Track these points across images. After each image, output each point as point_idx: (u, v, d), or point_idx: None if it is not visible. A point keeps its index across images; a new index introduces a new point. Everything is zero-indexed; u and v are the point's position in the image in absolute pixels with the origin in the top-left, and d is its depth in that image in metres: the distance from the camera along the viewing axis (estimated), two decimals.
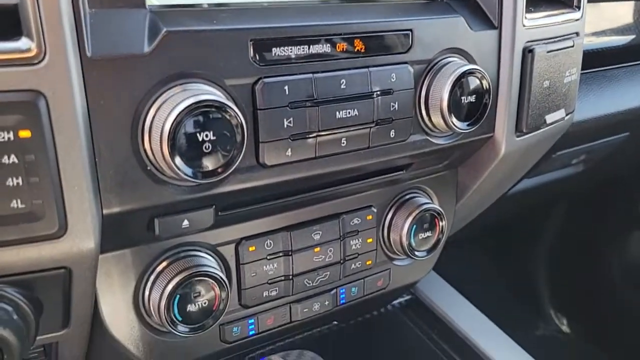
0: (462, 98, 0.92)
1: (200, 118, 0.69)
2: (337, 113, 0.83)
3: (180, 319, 0.84)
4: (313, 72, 0.81)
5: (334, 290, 1.05)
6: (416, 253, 1.09)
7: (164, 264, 0.86)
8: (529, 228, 2.28)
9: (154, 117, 0.70)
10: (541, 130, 1.12)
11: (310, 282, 1.00)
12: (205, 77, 0.74)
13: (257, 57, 0.76)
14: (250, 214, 0.91)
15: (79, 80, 0.65)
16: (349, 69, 0.84)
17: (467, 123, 0.94)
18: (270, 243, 0.95)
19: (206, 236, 0.90)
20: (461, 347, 1.24)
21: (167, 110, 0.69)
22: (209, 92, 0.71)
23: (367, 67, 0.86)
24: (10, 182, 0.62)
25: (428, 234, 1.10)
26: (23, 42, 0.61)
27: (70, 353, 0.91)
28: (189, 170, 0.70)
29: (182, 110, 0.68)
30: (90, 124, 0.67)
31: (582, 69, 1.20)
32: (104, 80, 0.67)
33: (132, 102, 0.69)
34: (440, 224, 1.10)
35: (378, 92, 0.86)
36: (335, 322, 1.27)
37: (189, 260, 0.86)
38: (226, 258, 0.92)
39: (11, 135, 0.61)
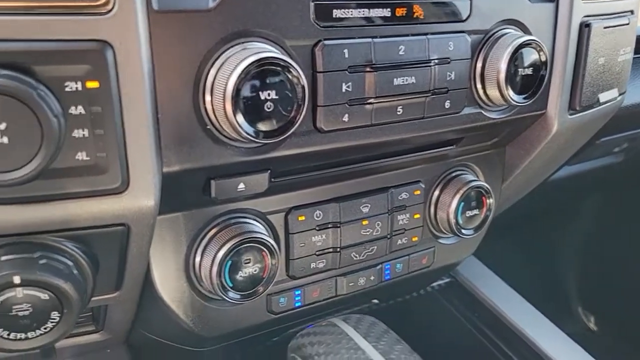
0: (519, 70, 0.90)
1: (264, 77, 0.69)
2: (395, 80, 0.82)
3: (231, 285, 0.84)
4: (372, 37, 0.80)
5: (379, 266, 1.04)
6: (463, 231, 1.07)
7: (215, 229, 0.85)
8: (559, 220, 2.24)
9: (216, 74, 0.69)
10: (594, 109, 1.09)
11: (357, 255, 0.99)
12: (266, 37, 0.73)
13: (318, 18, 0.75)
14: (301, 183, 0.90)
15: (145, 32, 0.64)
16: (407, 35, 0.83)
17: (524, 96, 0.92)
18: (319, 214, 0.94)
19: (257, 204, 0.89)
20: (505, 332, 1.21)
21: (230, 67, 0.68)
22: (272, 51, 0.70)
23: (425, 34, 0.84)
24: (76, 133, 0.62)
25: (475, 211, 1.08)
26: None
27: (119, 317, 0.91)
28: (250, 130, 0.69)
29: (247, 67, 0.67)
30: (154, 78, 0.66)
31: None
32: (169, 34, 0.67)
33: (195, 58, 0.69)
34: (488, 201, 1.08)
35: (436, 61, 0.85)
36: (376, 301, 1.26)
37: (240, 226, 0.86)
38: (275, 227, 0.91)
39: (79, 85, 0.61)
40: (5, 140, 0.57)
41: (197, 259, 0.85)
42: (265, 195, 0.87)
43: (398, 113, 0.84)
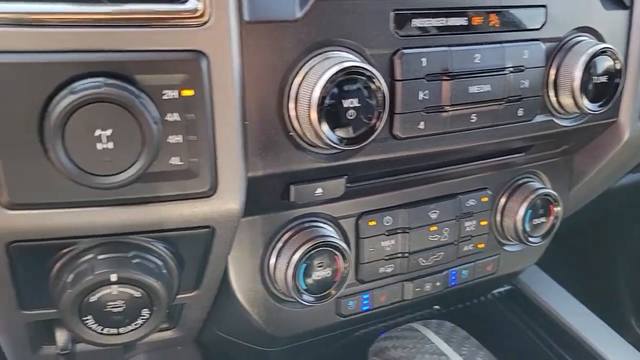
0: (594, 78, 0.90)
1: (347, 85, 0.70)
2: (470, 88, 0.83)
3: (305, 287, 0.86)
4: (449, 45, 0.81)
5: (445, 272, 1.04)
6: (530, 239, 1.06)
7: (290, 233, 0.88)
8: (616, 230, 2.19)
9: (300, 83, 0.71)
10: None
11: (424, 261, 1.00)
12: (348, 46, 0.75)
13: (398, 28, 0.77)
14: (372, 188, 0.92)
15: (237, 42, 0.67)
16: (482, 43, 0.83)
17: (598, 104, 0.91)
18: (389, 219, 0.95)
19: (329, 208, 0.91)
20: (569, 343, 1.19)
21: (316, 76, 0.70)
22: (356, 60, 0.72)
23: (501, 42, 0.84)
24: (171, 139, 0.65)
25: (542, 219, 1.07)
26: (191, 3, 0.63)
27: (194, 316, 0.94)
28: (333, 137, 0.71)
29: (333, 75, 0.69)
30: (243, 86, 0.69)
31: None
32: (258, 44, 0.69)
33: (282, 66, 0.71)
34: (555, 209, 1.07)
35: (511, 69, 0.85)
36: (437, 307, 1.26)
37: (313, 230, 0.88)
38: (346, 231, 0.93)
39: (176, 93, 0.64)
40: (110, 145, 0.60)
41: (272, 261, 0.87)
42: (338, 200, 0.88)
43: (472, 120, 0.85)
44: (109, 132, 0.59)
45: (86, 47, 0.60)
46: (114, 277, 0.66)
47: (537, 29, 0.87)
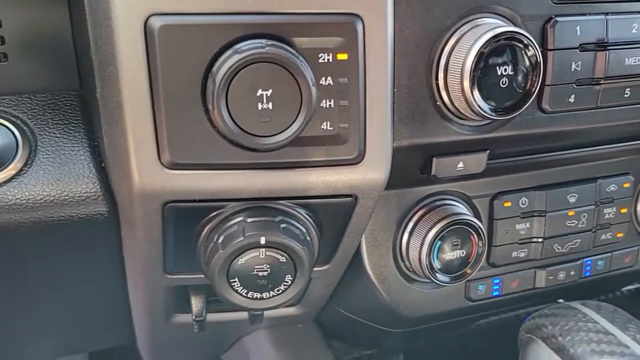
0: None
1: (500, 53, 0.68)
2: (627, 59, 0.77)
3: (439, 266, 0.83)
4: (605, 14, 0.76)
5: (580, 261, 0.99)
6: None
7: (423, 210, 0.86)
8: None
9: (450, 51, 0.69)
10: None
11: (559, 247, 0.95)
12: (500, 13, 0.72)
13: None
14: (509, 167, 0.88)
15: (391, 6, 0.66)
16: None
17: None
18: (525, 201, 0.91)
19: (463, 186, 0.88)
20: None
21: (468, 43, 0.67)
22: (511, 26, 0.69)
23: None
24: (324, 103, 0.64)
25: None
26: None
27: (319, 292, 0.94)
28: (485, 106, 0.68)
29: (487, 41, 0.66)
30: (394, 52, 0.68)
31: None
32: (411, 9, 0.68)
33: (433, 33, 0.69)
34: None
35: None
36: (561, 301, 1.20)
37: (447, 208, 0.85)
38: (480, 211, 0.90)
39: (330, 57, 0.63)
40: (270, 106, 0.60)
41: (405, 238, 0.86)
42: (473, 178, 0.85)
43: (625, 95, 0.79)
44: (269, 92, 0.60)
45: (248, 10, 0.61)
46: (262, 240, 0.67)
47: None
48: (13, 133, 0.74)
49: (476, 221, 0.84)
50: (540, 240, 0.93)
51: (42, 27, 0.77)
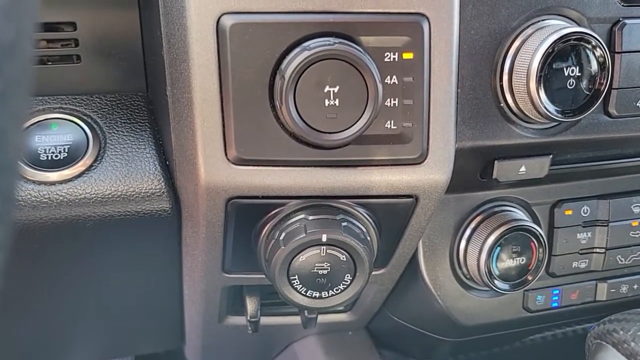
0: None
1: (567, 54, 0.67)
2: None
3: (498, 273, 0.82)
4: None
5: None
6: None
7: (481, 216, 0.85)
8: None
9: (516, 52, 0.69)
10: None
11: (622, 259, 0.92)
12: (567, 15, 0.71)
13: None
14: (570, 174, 0.86)
15: (457, 6, 0.66)
16: None
17: None
18: (586, 209, 0.89)
19: (522, 192, 0.87)
20: None
21: (535, 44, 0.67)
22: (579, 27, 0.68)
23: None
24: (388, 102, 0.65)
25: None
26: None
27: (372, 298, 0.93)
28: (552, 108, 0.67)
29: (554, 42, 0.65)
30: (459, 50, 0.68)
31: None
32: (477, 10, 0.68)
33: (498, 34, 0.69)
34: None
35: None
36: None
37: (506, 214, 0.84)
38: (539, 219, 0.88)
39: (396, 56, 0.64)
40: (336, 102, 0.61)
41: (463, 244, 0.85)
42: (533, 184, 0.84)
43: None
44: (336, 89, 0.61)
45: (317, 9, 0.62)
46: (324, 238, 0.67)
47: None
48: (84, 131, 0.77)
49: (537, 227, 0.82)
50: (602, 251, 0.90)
51: (114, 30, 0.80)
